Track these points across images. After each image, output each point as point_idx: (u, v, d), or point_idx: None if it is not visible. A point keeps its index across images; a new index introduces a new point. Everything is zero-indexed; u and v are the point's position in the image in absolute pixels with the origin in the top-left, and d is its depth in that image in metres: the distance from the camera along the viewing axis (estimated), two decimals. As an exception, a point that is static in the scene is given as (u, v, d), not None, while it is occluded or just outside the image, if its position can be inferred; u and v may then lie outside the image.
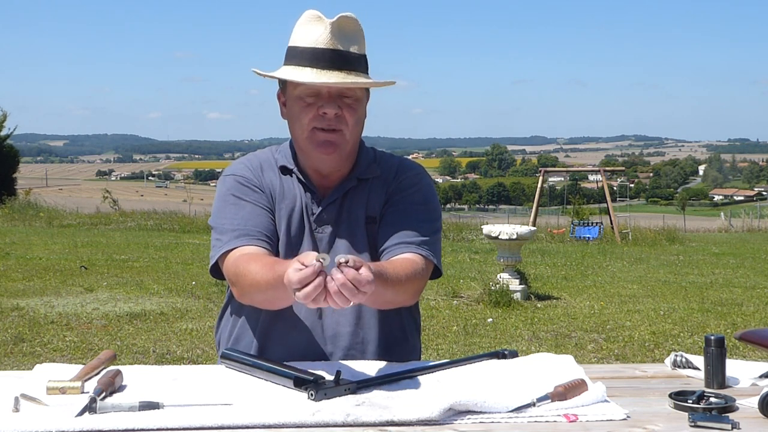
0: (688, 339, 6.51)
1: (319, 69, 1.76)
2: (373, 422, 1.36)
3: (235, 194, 1.89)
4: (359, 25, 1.83)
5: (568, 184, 34.72)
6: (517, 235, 8.47)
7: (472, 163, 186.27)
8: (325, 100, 1.78)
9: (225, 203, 1.89)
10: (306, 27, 1.80)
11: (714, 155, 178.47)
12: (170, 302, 7.82)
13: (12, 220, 18.23)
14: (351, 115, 1.81)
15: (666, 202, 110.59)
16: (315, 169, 1.90)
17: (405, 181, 1.95)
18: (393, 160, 2.00)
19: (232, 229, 1.84)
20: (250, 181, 1.91)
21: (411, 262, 1.80)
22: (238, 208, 1.87)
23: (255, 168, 1.94)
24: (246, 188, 1.90)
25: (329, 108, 1.78)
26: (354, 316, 1.88)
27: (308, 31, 1.79)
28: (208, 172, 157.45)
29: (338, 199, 1.91)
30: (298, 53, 1.80)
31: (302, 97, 1.80)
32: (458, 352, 5.84)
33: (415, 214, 1.90)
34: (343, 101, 1.80)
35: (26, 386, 1.52)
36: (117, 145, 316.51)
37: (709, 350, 1.64)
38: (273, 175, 1.93)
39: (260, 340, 1.90)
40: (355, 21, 1.82)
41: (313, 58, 1.77)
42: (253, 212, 1.86)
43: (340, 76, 1.76)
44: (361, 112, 1.86)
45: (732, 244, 16.44)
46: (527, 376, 1.64)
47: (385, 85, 1.87)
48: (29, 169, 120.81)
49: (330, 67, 1.77)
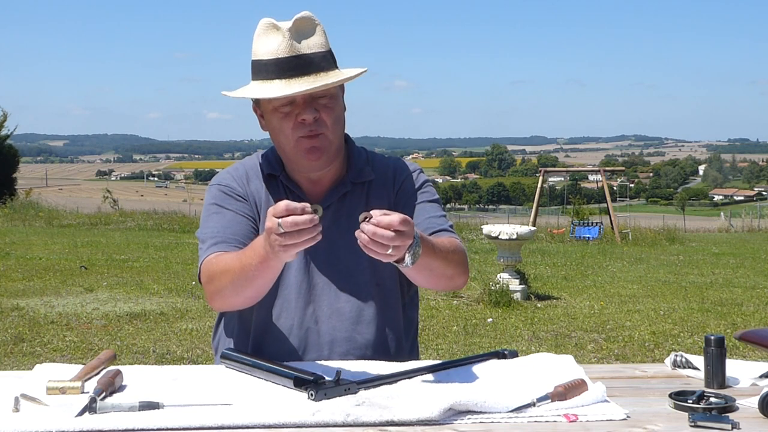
0: (688, 339, 6.51)
1: (286, 79, 1.75)
2: (373, 422, 1.36)
3: (217, 203, 1.90)
4: (315, 22, 1.80)
5: (568, 184, 34.72)
6: (517, 235, 8.47)
7: (472, 163, 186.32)
8: (301, 107, 1.77)
9: (208, 213, 1.91)
10: (264, 38, 1.77)
11: (714, 155, 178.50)
12: (170, 302, 7.82)
13: (12, 220, 18.22)
14: (329, 115, 1.79)
15: (666, 202, 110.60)
16: (307, 177, 1.89)
17: (407, 182, 1.95)
18: (387, 162, 2.00)
19: (211, 236, 1.84)
20: (233, 190, 1.91)
21: (449, 239, 1.85)
22: (219, 216, 1.87)
23: (240, 176, 1.94)
24: (228, 197, 1.90)
25: (307, 114, 1.76)
26: (351, 322, 1.86)
27: (267, 42, 1.77)
28: (208, 172, 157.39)
29: (333, 203, 1.89)
30: (262, 66, 1.77)
31: (278, 108, 1.78)
32: (458, 352, 5.84)
33: (431, 208, 1.93)
34: (319, 103, 1.78)
35: (26, 386, 1.52)
36: (117, 145, 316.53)
37: (709, 350, 1.64)
38: (258, 183, 1.93)
39: (255, 347, 1.88)
40: (310, 19, 1.79)
41: (278, 69, 1.75)
42: (233, 220, 1.86)
43: (309, 80, 1.74)
44: (339, 109, 1.84)
45: (732, 244, 16.43)
46: (527, 376, 1.64)
47: (358, 76, 1.84)
48: (29, 169, 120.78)
49: (297, 74, 1.74)
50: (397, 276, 1.91)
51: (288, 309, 1.86)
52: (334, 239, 1.87)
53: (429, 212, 1.92)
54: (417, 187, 1.96)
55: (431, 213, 1.93)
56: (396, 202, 1.93)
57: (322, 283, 1.87)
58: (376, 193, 1.93)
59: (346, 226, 1.87)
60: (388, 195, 1.94)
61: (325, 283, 1.87)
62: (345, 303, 1.86)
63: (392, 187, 1.95)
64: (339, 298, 1.86)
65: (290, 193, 1.90)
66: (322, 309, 1.85)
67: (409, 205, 1.92)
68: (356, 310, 1.86)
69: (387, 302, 1.91)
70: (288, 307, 1.86)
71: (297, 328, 1.85)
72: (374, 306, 1.88)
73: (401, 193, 1.94)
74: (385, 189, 1.94)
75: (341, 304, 1.86)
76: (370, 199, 1.92)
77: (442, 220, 1.93)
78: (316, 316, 1.85)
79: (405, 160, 2.05)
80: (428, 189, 1.98)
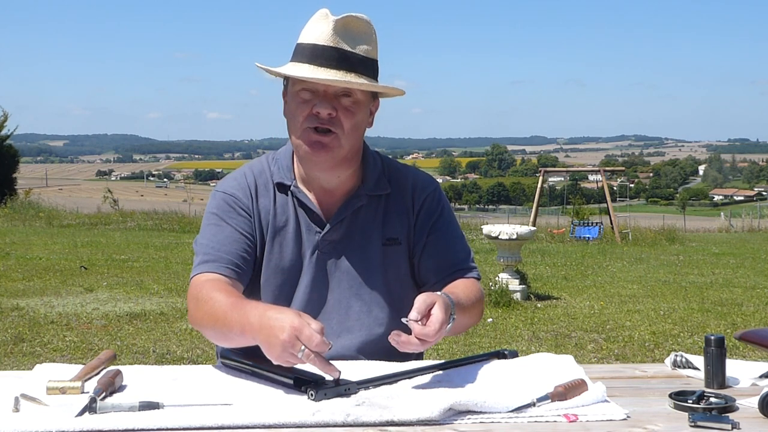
0: (688, 339, 6.51)
1: (316, 66, 1.70)
2: (373, 422, 1.35)
3: (218, 214, 1.82)
4: (370, 27, 1.76)
5: (568, 184, 34.72)
6: (517, 235, 8.47)
7: (472, 163, 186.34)
8: (321, 99, 1.71)
9: (208, 222, 1.83)
10: (314, 24, 1.74)
11: (714, 155, 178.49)
12: (170, 302, 7.82)
13: (12, 220, 18.23)
14: (347, 117, 1.72)
15: (666, 202, 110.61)
16: (320, 185, 1.83)
17: (427, 204, 1.90)
18: (405, 174, 1.92)
19: (204, 252, 1.78)
20: (238, 201, 1.83)
21: (472, 285, 1.84)
22: (217, 230, 1.80)
23: (248, 187, 1.85)
24: (231, 209, 1.82)
25: (323, 108, 1.70)
26: (360, 340, 1.84)
27: (314, 28, 1.73)
28: (208, 172, 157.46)
29: (347, 217, 1.83)
30: (301, 50, 1.74)
31: (299, 92, 1.73)
32: (458, 352, 5.84)
33: (453, 238, 1.90)
34: (340, 102, 1.72)
35: (26, 386, 1.52)
36: (117, 145, 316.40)
37: (709, 350, 1.64)
38: (267, 195, 1.85)
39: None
40: (366, 23, 1.75)
41: (312, 55, 1.71)
42: (230, 237, 1.78)
43: (338, 74, 1.69)
44: (361, 117, 1.76)
45: (732, 244, 16.44)
46: (527, 376, 1.64)
47: (391, 93, 1.80)
48: (29, 169, 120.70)
49: (328, 65, 1.69)
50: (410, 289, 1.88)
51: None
52: (346, 254, 1.83)
53: (452, 244, 1.89)
54: (438, 209, 1.90)
55: (454, 245, 1.89)
56: (416, 225, 1.88)
57: (333, 300, 1.84)
58: (394, 210, 1.87)
59: (360, 241, 1.84)
60: (407, 214, 1.88)
61: (335, 300, 1.84)
62: (355, 321, 1.83)
63: (411, 207, 1.88)
64: (349, 316, 1.83)
65: (302, 206, 1.83)
66: (332, 327, 1.80)
67: (430, 230, 1.88)
68: (366, 328, 1.83)
69: (399, 314, 1.89)
70: None
71: None
72: (385, 323, 1.84)
73: (422, 215, 1.88)
74: (404, 206, 1.88)
75: (351, 323, 1.83)
76: (388, 214, 1.86)
77: (464, 255, 1.90)
78: (318, 311, 1.83)
79: (421, 173, 1.98)
80: (447, 210, 1.93)
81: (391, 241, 1.85)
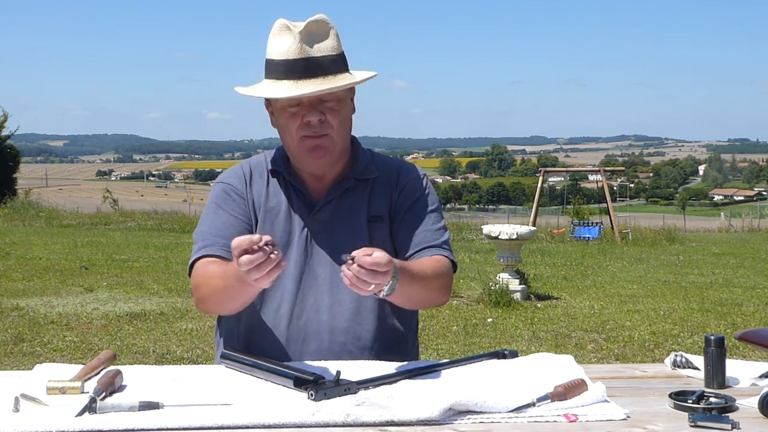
0: (688, 339, 6.51)
1: (294, 80, 1.78)
2: (373, 422, 1.36)
3: (216, 203, 1.95)
4: (329, 25, 1.84)
5: (568, 184, 34.70)
6: (517, 235, 8.47)
7: (472, 163, 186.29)
8: (307, 109, 1.81)
9: (207, 211, 1.97)
10: (278, 38, 1.81)
11: (714, 155, 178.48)
12: (170, 302, 7.82)
13: (12, 220, 18.22)
14: (335, 117, 1.83)
15: (666, 202, 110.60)
16: (309, 172, 1.93)
17: (410, 185, 1.99)
18: (392, 162, 2.05)
19: (202, 238, 1.90)
20: (234, 188, 1.95)
21: (435, 260, 1.88)
22: (214, 217, 1.93)
23: (244, 175, 1.98)
24: (227, 197, 1.94)
25: (312, 116, 1.81)
26: (352, 312, 1.89)
27: (280, 43, 1.81)
28: (208, 172, 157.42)
29: (335, 198, 1.94)
30: (273, 66, 1.82)
31: (285, 108, 1.83)
32: (458, 352, 5.84)
33: (429, 219, 1.96)
34: (325, 106, 1.82)
35: (26, 386, 1.52)
36: (117, 145, 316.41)
37: (709, 350, 1.64)
38: (261, 181, 1.97)
39: (254, 335, 1.91)
40: (324, 22, 1.83)
41: (287, 70, 1.79)
42: (226, 222, 1.90)
43: (317, 83, 1.78)
44: (346, 111, 1.88)
45: (732, 244, 16.43)
46: (527, 376, 1.64)
47: (365, 81, 1.87)
48: (29, 169, 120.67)
49: (305, 76, 1.78)
50: None
51: (289, 300, 1.89)
52: (335, 231, 1.92)
53: (426, 224, 1.96)
54: (419, 192, 1.99)
55: (428, 225, 1.96)
56: (397, 203, 1.96)
57: (324, 275, 1.91)
58: (380, 191, 1.97)
59: (348, 221, 1.93)
60: (390, 194, 1.97)
61: (326, 275, 1.91)
62: (345, 294, 1.88)
63: (395, 187, 1.98)
64: (339, 289, 1.88)
65: (293, 189, 1.94)
66: (323, 299, 1.89)
67: (408, 208, 1.96)
68: (356, 301, 1.89)
69: None
70: (289, 298, 1.89)
71: (297, 318, 1.89)
72: (374, 297, 1.88)
73: (403, 194, 1.97)
74: (389, 188, 1.98)
75: (342, 296, 1.89)
76: (373, 195, 1.95)
77: (438, 234, 1.96)
78: (317, 306, 1.89)
79: (412, 164, 2.09)
80: (430, 196, 2.01)
81: (375, 219, 1.95)
